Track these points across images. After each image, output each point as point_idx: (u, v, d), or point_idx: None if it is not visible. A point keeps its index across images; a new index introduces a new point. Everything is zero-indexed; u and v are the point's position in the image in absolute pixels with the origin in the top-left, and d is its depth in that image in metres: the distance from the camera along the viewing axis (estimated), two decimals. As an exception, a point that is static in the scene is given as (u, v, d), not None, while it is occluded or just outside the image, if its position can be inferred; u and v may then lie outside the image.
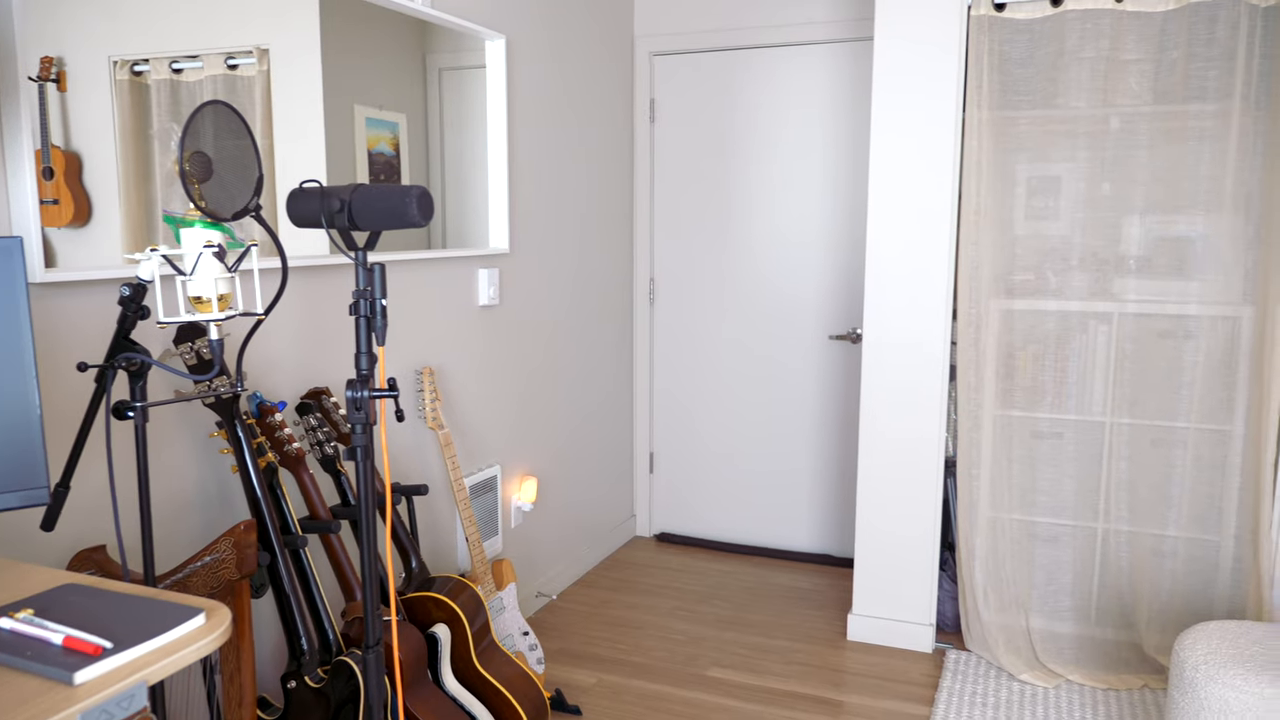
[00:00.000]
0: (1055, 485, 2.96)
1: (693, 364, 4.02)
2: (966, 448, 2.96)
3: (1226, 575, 2.81)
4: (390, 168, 2.55)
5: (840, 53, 3.62)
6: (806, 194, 3.74)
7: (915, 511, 3.03)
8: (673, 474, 4.13)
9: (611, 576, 3.71)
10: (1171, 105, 2.71)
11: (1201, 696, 2.01)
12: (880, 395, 3.03)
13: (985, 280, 2.90)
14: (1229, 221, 2.70)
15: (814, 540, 3.93)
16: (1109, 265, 2.84)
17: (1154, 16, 2.68)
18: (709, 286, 3.95)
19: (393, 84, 2.53)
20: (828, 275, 3.75)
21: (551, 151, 3.31)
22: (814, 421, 3.85)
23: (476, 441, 2.99)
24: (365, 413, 1.47)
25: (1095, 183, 2.82)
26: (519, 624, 2.71)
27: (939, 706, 2.69)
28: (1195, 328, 2.77)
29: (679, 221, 3.96)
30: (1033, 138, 2.86)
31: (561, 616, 3.33)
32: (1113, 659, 2.90)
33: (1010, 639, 2.95)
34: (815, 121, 3.69)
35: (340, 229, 1.48)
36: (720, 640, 3.15)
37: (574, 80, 3.43)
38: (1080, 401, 2.91)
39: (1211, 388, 2.77)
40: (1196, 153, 2.70)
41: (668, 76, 3.89)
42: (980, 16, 2.80)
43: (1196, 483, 2.81)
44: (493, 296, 2.98)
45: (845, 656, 3.04)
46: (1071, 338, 2.90)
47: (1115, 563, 2.93)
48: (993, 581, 3.00)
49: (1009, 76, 2.84)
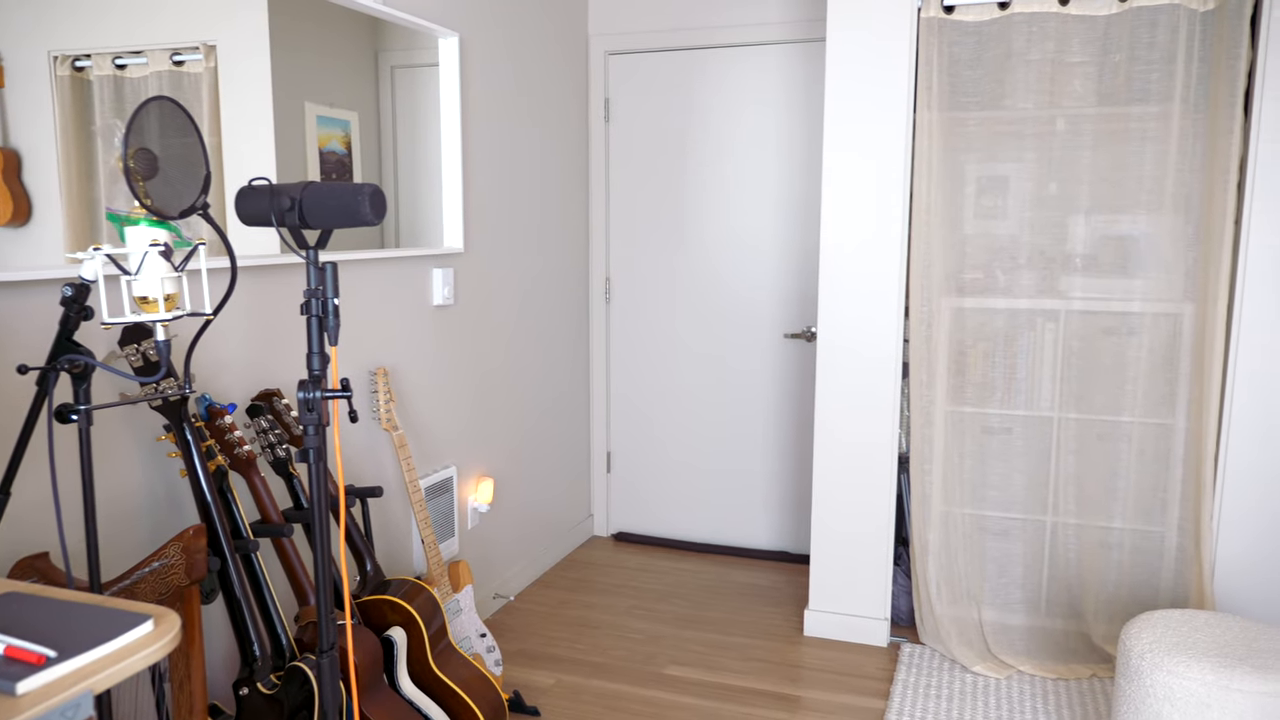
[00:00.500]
0: (1005, 480, 3.02)
1: (649, 363, 4.03)
2: (919, 444, 3.01)
3: (1170, 565, 2.89)
4: (342, 166, 2.52)
5: (793, 53, 3.65)
6: (761, 193, 3.77)
7: (869, 507, 3.07)
8: (630, 473, 4.13)
9: (569, 577, 3.71)
10: (1115, 107, 2.78)
11: (1147, 684, 2.07)
12: (834, 393, 3.06)
13: (936, 279, 2.95)
14: (1170, 221, 2.77)
15: (771, 537, 3.96)
16: (1056, 264, 2.90)
17: (1097, 20, 2.75)
18: (665, 285, 3.96)
19: (344, 81, 2.50)
20: (782, 274, 3.78)
21: (506, 150, 3.29)
22: (770, 419, 3.88)
23: (432, 442, 2.96)
24: (318, 414, 1.45)
25: (1042, 182, 2.88)
26: (476, 626, 2.69)
27: (894, 699, 2.72)
28: (1139, 324, 2.84)
29: (634, 221, 3.97)
30: (981, 138, 2.91)
31: (519, 617, 3.32)
32: (1062, 649, 2.97)
33: (963, 631, 3.00)
34: (769, 121, 3.72)
35: (291, 227, 1.46)
36: (678, 638, 3.16)
37: (528, 79, 3.41)
38: (1029, 397, 2.97)
39: (1155, 383, 2.84)
40: (1139, 154, 2.77)
41: (623, 76, 3.90)
42: (930, 18, 2.84)
43: (1141, 476, 2.88)
44: (447, 296, 2.95)
45: (802, 652, 3.07)
46: (1020, 335, 2.95)
47: (1064, 555, 2.99)
48: (945, 575, 3.05)
49: (958, 78, 2.89)
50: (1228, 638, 2.11)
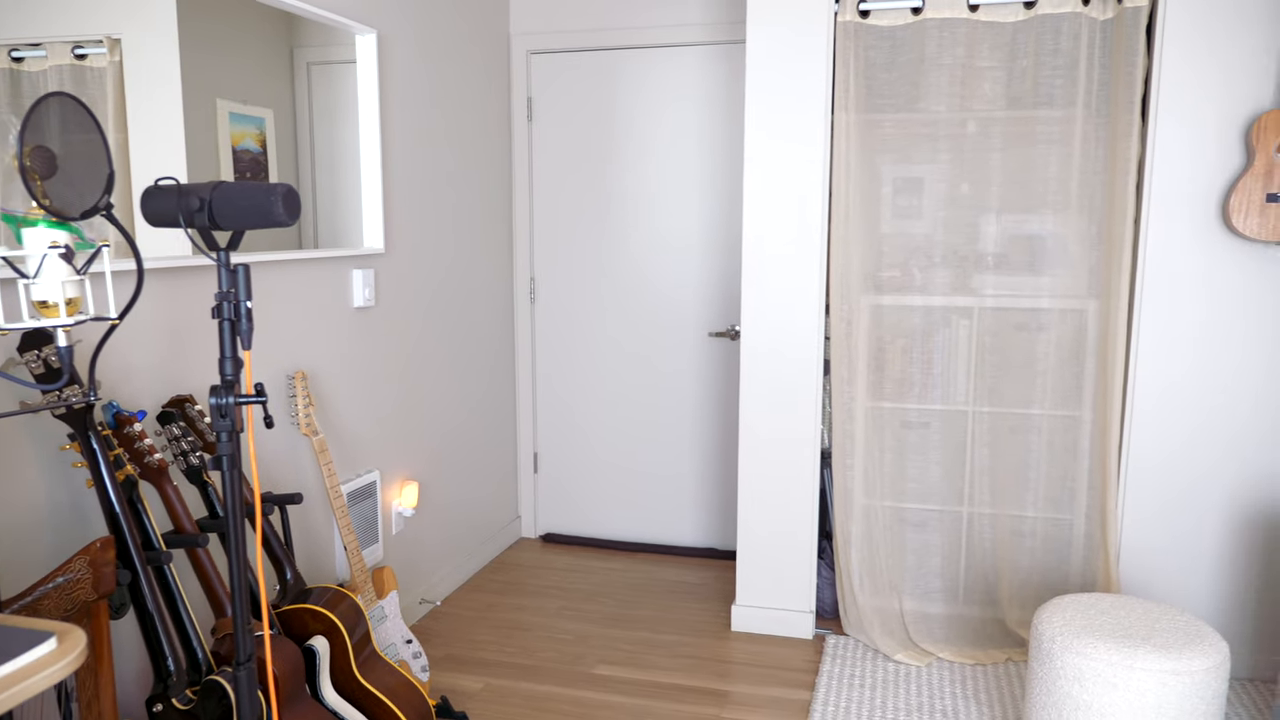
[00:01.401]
0: (923, 473, 3.10)
1: (575, 363, 4.03)
2: (841, 439, 3.07)
3: (1079, 552, 3.01)
4: (257, 165, 2.46)
5: (715, 55, 3.69)
6: (685, 193, 3.80)
7: (793, 503, 3.12)
8: (558, 474, 4.12)
9: (497, 579, 3.68)
10: (1022, 111, 2.88)
11: (1057, 665, 2.15)
12: (758, 390, 3.10)
13: (855, 277, 3.01)
14: (1075, 221, 2.88)
15: (698, 534, 3.99)
16: (969, 262, 2.99)
17: (1005, 26, 2.84)
18: (590, 285, 3.96)
19: (258, 78, 2.43)
20: (707, 273, 3.82)
21: (427, 150, 3.25)
22: (696, 417, 3.91)
23: (354, 447, 2.91)
24: (231, 420, 1.41)
25: (955, 183, 2.96)
26: (402, 632, 2.65)
27: (819, 690, 2.78)
28: (1047, 320, 2.95)
29: (559, 220, 3.96)
30: (897, 140, 2.98)
31: (446, 622, 3.28)
32: (979, 635, 3.06)
33: (885, 621, 3.07)
34: (692, 122, 3.75)
35: (200, 229, 1.41)
36: (607, 637, 3.16)
37: (449, 77, 3.38)
38: (945, 392, 3.05)
39: (1062, 377, 2.95)
40: (1045, 156, 2.88)
41: (545, 75, 3.88)
42: (846, 23, 2.90)
43: (1051, 466, 2.99)
44: (368, 297, 2.90)
45: (730, 647, 3.10)
46: (936, 331, 3.04)
47: (979, 544, 3.09)
48: (868, 567, 3.12)
49: (874, 81, 2.95)
50: (1131, 619, 2.21)
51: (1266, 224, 2.61)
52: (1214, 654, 2.06)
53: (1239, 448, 2.80)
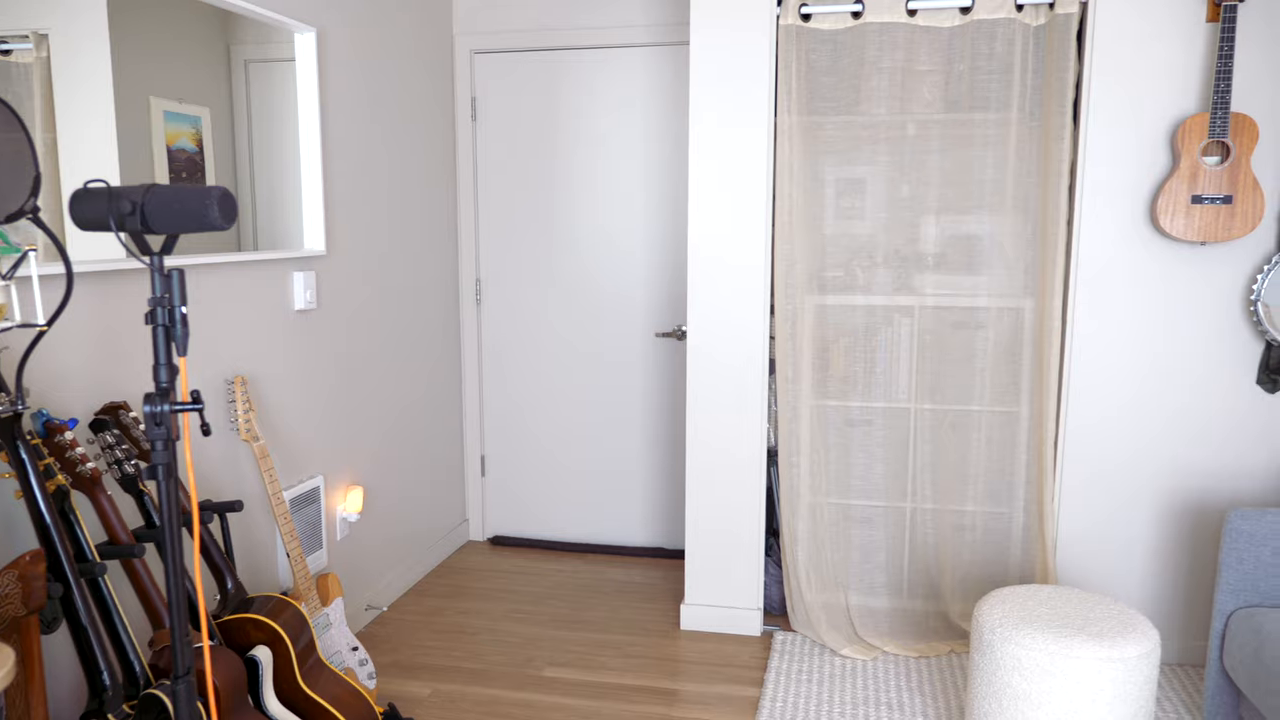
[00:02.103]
0: (867, 469, 3.15)
1: (522, 365, 4.01)
2: (786, 437, 3.10)
3: (1018, 544, 3.08)
4: (193, 165, 2.40)
5: (660, 56, 3.70)
6: (631, 194, 3.81)
7: (741, 501, 3.15)
8: (505, 476, 4.10)
9: (445, 583, 3.65)
10: (960, 114, 2.94)
11: (998, 656, 2.20)
12: (704, 390, 3.12)
13: (800, 277, 3.05)
14: (1011, 221, 2.95)
15: (647, 534, 4.00)
16: (910, 262, 3.04)
17: (942, 31, 2.90)
18: (536, 286, 3.95)
19: (194, 75, 2.38)
20: (653, 274, 3.83)
21: (369, 150, 3.20)
22: (643, 418, 3.92)
23: (297, 452, 2.86)
24: (166, 428, 1.38)
25: (896, 185, 3.01)
26: (347, 639, 2.62)
27: (768, 686, 2.80)
28: (985, 319, 3.01)
29: (505, 221, 3.94)
30: (840, 142, 3.02)
31: (393, 628, 3.24)
32: (923, 628, 3.12)
33: (831, 617, 3.12)
34: (638, 123, 3.76)
35: (132, 233, 1.38)
36: (556, 639, 3.15)
37: (392, 76, 3.34)
38: (887, 390, 3.11)
39: (1000, 374, 3.02)
40: (981, 158, 2.94)
41: (490, 75, 3.86)
42: (788, 26, 2.93)
43: (990, 461, 3.06)
44: (309, 300, 2.86)
45: (679, 646, 3.12)
46: (878, 330, 3.09)
47: (922, 539, 3.15)
48: (814, 564, 3.15)
49: (816, 84, 2.99)
50: (1068, 609, 2.27)
51: (1192, 224, 2.70)
52: (1145, 641, 2.13)
53: (1168, 442, 2.89)
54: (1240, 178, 2.65)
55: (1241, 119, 2.64)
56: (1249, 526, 2.36)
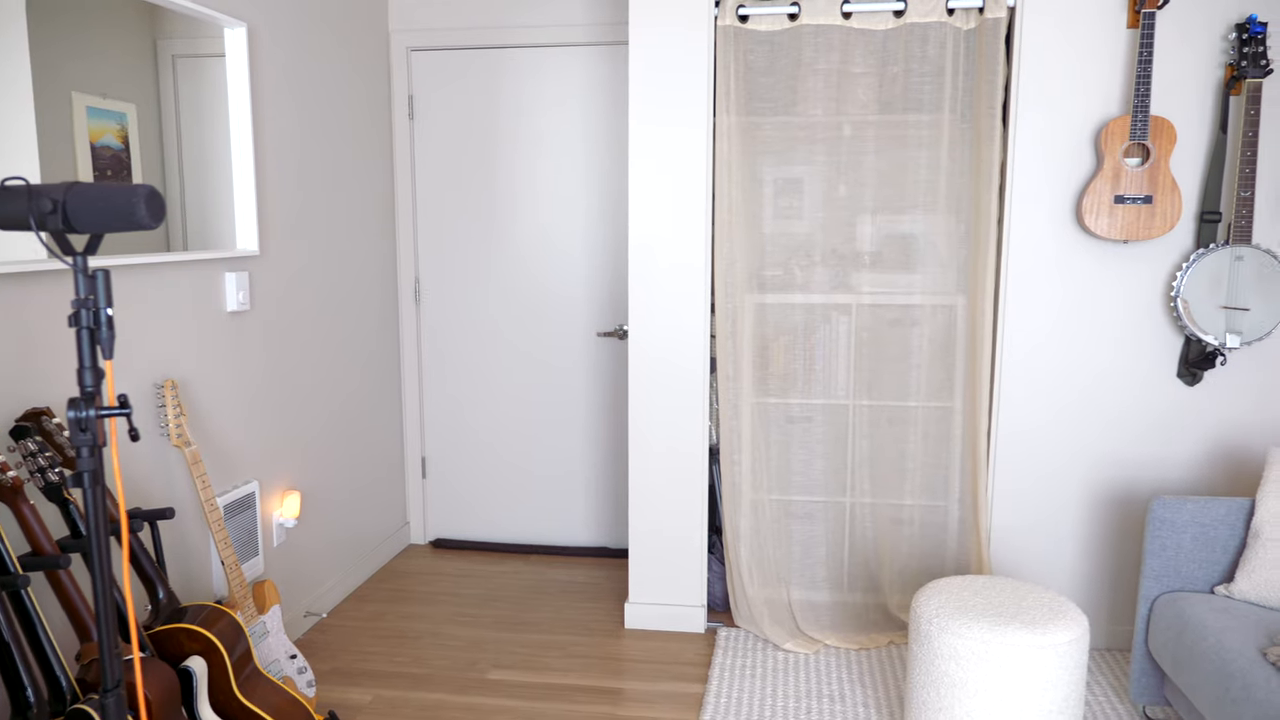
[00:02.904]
0: (807, 465, 3.19)
1: (463, 365, 3.97)
2: (728, 435, 3.13)
3: (954, 536, 3.15)
4: (119, 163, 2.33)
5: (600, 55, 3.70)
6: (572, 193, 3.80)
7: (683, 499, 3.16)
8: (447, 478, 4.06)
9: (386, 588, 3.60)
10: (894, 115, 2.99)
11: (935, 646, 2.25)
12: (646, 389, 3.13)
13: (739, 276, 3.07)
14: (944, 221, 3.02)
15: (591, 534, 4.00)
16: (847, 260, 3.09)
17: (876, 34, 2.95)
18: (477, 286, 3.91)
19: (119, 70, 2.31)
20: (594, 273, 3.83)
21: (304, 147, 3.14)
22: (586, 417, 3.92)
23: (231, 457, 2.79)
24: (92, 434, 1.34)
25: (833, 185, 3.06)
26: (286, 647, 2.56)
27: (712, 683, 2.82)
28: (920, 316, 3.08)
29: (444, 220, 3.90)
30: (778, 142, 3.06)
31: (333, 635, 3.19)
32: (863, 621, 3.17)
33: (774, 612, 3.15)
34: (578, 122, 3.75)
35: (54, 232, 1.33)
36: (500, 642, 3.13)
37: (326, 73, 3.28)
38: (826, 387, 3.15)
39: (935, 369, 3.08)
40: (915, 159, 3.00)
41: (427, 73, 3.81)
42: (726, 27, 2.95)
43: (926, 455, 3.13)
44: (243, 301, 2.79)
45: (623, 645, 3.12)
46: (817, 328, 3.13)
47: (862, 533, 3.20)
48: (756, 560, 3.19)
49: (754, 84, 3.02)
50: (1001, 598, 2.33)
51: (1115, 223, 2.79)
52: (1075, 627, 2.20)
53: (1095, 434, 2.98)
54: (1160, 178, 2.75)
55: (1161, 122, 2.74)
56: (1170, 514, 2.45)
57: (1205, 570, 2.45)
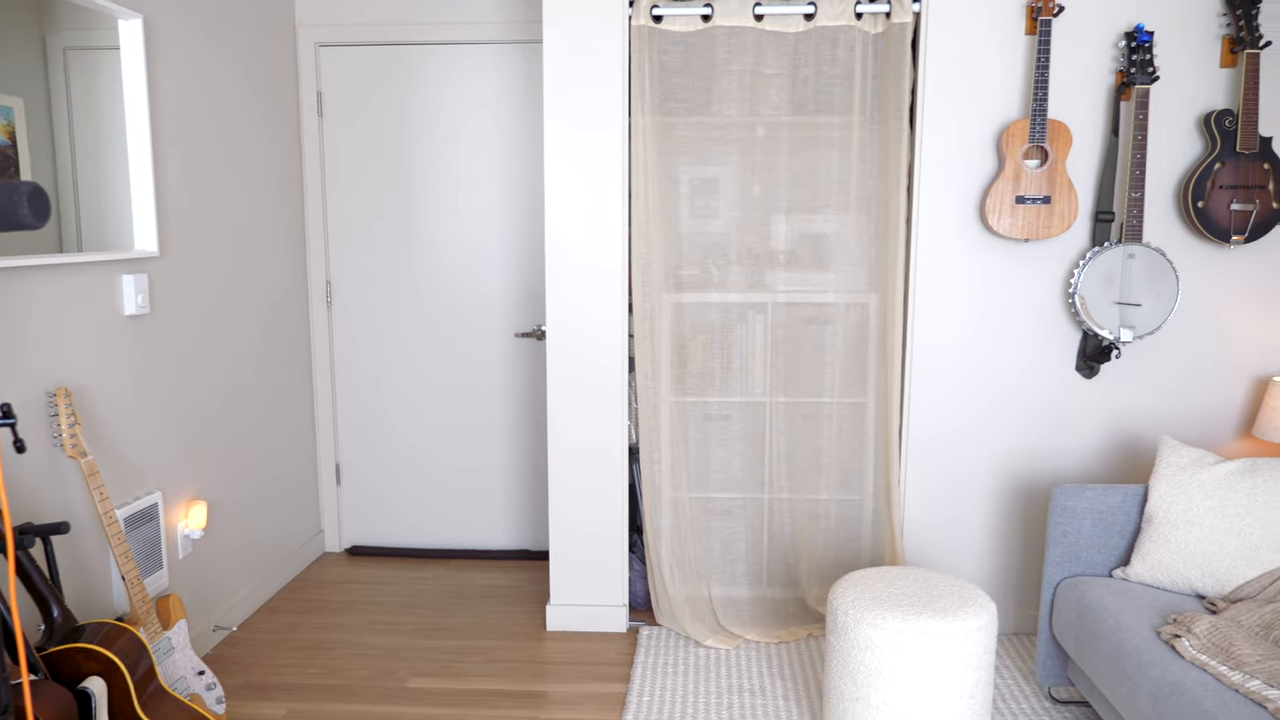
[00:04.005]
0: (726, 463, 3.22)
1: (378, 368, 3.89)
2: (647, 434, 3.14)
3: (868, 529, 3.22)
4: (5, 159, 2.21)
5: (515, 53, 3.67)
6: (488, 193, 3.76)
7: (604, 499, 3.16)
8: (362, 483, 3.97)
9: (300, 598, 3.50)
10: (806, 116, 3.04)
11: (851, 637, 2.29)
12: (565, 389, 3.12)
13: (657, 275, 3.08)
14: (855, 220, 3.08)
15: (512, 537, 3.96)
16: (762, 260, 3.13)
17: (788, 36, 2.99)
18: (391, 288, 3.84)
19: (3, 63, 2.19)
20: (511, 274, 3.79)
21: (206, 144, 3.04)
22: (505, 419, 3.88)
23: (131, 467, 2.67)
24: (-26, 445, 1.26)
25: (748, 184, 3.09)
26: (193, 663, 2.47)
27: (634, 682, 2.83)
28: (834, 314, 3.14)
29: (357, 221, 3.81)
30: (693, 142, 3.08)
31: (244, 648, 3.08)
32: (782, 615, 3.22)
33: (695, 609, 3.17)
34: (494, 121, 3.71)
35: (-72, 232, 1.25)
36: (420, 649, 3.08)
37: (229, 68, 3.17)
38: (743, 385, 3.19)
39: (849, 366, 3.15)
40: (827, 159, 3.06)
41: (336, 69, 3.72)
42: (640, 27, 2.96)
43: (841, 450, 3.19)
44: (142, 305, 2.68)
45: (545, 647, 3.10)
46: (734, 327, 3.16)
47: (780, 528, 3.25)
48: (677, 558, 3.20)
49: (669, 84, 3.03)
50: (914, 588, 2.39)
51: (1017, 223, 2.89)
52: (984, 614, 2.27)
53: (1001, 426, 3.09)
54: (1057, 180, 2.86)
55: (1058, 125, 2.85)
56: (1071, 502, 2.55)
57: (1104, 555, 2.56)
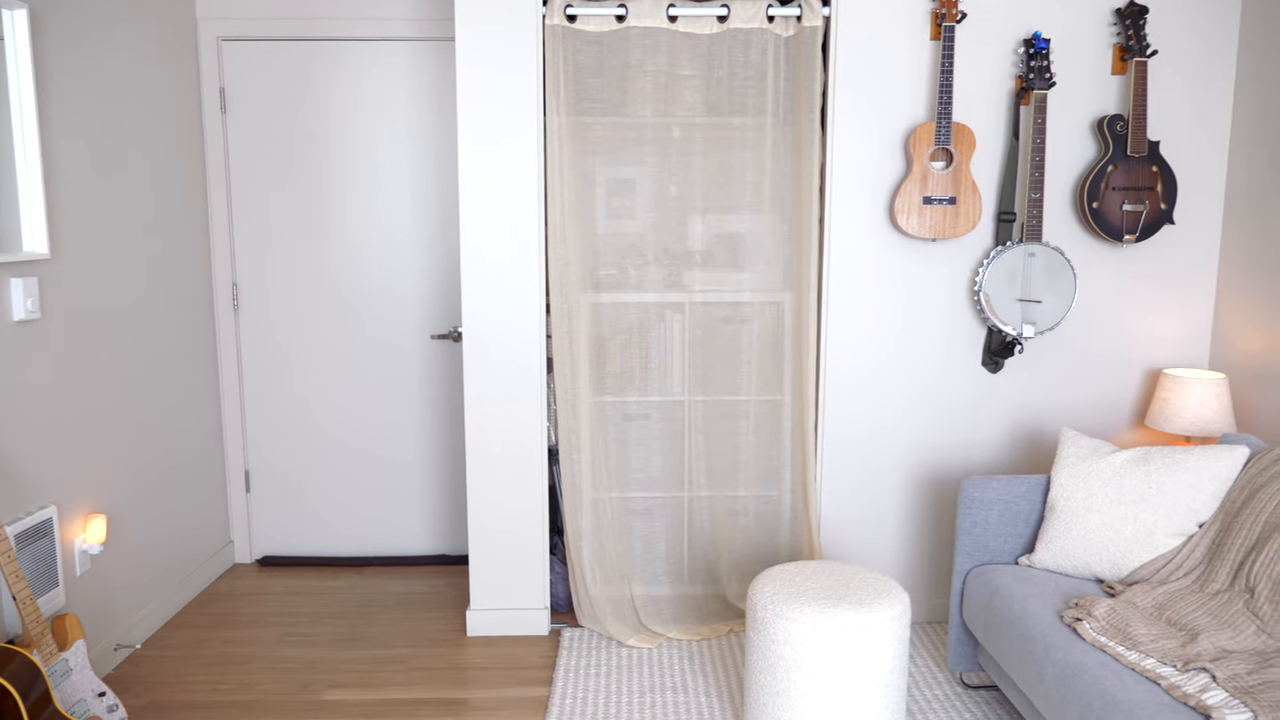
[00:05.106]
0: (646, 462, 3.23)
1: (288, 373, 3.78)
2: (566, 435, 3.12)
3: (786, 525, 3.27)
4: (-127, 157, 2.07)
5: (428, 51, 3.61)
6: (401, 193, 3.69)
7: (524, 501, 3.13)
8: (274, 491, 3.85)
9: (208, 612, 3.38)
10: (720, 117, 3.07)
11: (770, 631, 2.32)
12: (483, 391, 3.08)
13: (574, 276, 3.07)
14: (770, 220, 3.13)
15: (430, 542, 3.90)
16: (679, 260, 3.15)
17: (701, 38, 3.02)
18: (302, 290, 3.73)
19: None
20: (426, 275, 3.73)
21: (101, 142, 2.90)
22: (422, 423, 3.82)
23: (22, 481, 2.54)
24: None
25: (664, 185, 3.11)
26: (93, 685, 2.36)
27: (557, 684, 2.81)
28: (750, 313, 3.17)
29: (264, 221, 3.69)
30: (608, 143, 3.08)
31: (149, 667, 2.96)
32: (704, 612, 3.24)
33: (617, 609, 3.17)
34: (408, 120, 3.64)
35: None
36: (336, 660, 3.01)
37: (125, 63, 3.04)
38: (662, 384, 3.20)
39: (765, 364, 3.19)
40: (741, 160, 3.09)
41: (241, 65, 3.60)
42: (554, 26, 2.95)
43: (758, 447, 3.23)
44: (31, 309, 2.55)
45: (466, 653, 3.06)
46: (652, 327, 3.17)
47: (700, 526, 3.27)
48: (598, 558, 3.20)
49: (584, 85, 3.03)
50: (831, 582, 2.44)
51: (924, 223, 2.97)
52: (897, 604, 2.32)
53: (912, 420, 3.17)
54: (962, 181, 2.95)
55: (962, 128, 2.94)
56: (979, 493, 2.64)
57: (1011, 543, 2.65)
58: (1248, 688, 1.85)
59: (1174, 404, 2.92)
